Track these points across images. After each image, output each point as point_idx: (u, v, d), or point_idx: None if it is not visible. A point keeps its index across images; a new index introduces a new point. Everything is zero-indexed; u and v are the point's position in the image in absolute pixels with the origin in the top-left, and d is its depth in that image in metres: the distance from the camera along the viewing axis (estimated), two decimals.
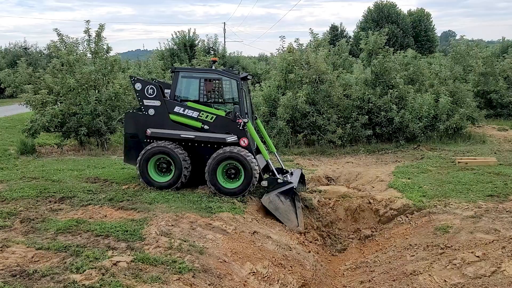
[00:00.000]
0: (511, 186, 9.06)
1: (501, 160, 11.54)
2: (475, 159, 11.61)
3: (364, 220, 8.99)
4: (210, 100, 8.97)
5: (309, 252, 7.70)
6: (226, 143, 8.51)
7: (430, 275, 6.09)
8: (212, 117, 8.67)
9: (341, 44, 19.03)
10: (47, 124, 13.29)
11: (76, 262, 5.15)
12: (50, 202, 7.72)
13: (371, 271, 7.07)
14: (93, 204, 7.61)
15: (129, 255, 5.50)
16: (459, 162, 11.35)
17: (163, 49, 27.73)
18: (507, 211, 7.68)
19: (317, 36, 17.71)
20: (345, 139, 14.51)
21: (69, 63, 13.90)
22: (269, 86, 15.82)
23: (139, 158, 8.58)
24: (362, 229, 8.86)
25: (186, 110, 8.72)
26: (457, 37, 25.68)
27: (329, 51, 17.57)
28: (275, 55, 19.47)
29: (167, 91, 9.04)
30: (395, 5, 47.18)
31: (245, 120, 8.65)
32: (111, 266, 5.09)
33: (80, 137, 13.88)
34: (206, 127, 8.67)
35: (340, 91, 15.00)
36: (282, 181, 8.73)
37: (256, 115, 10.24)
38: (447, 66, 18.50)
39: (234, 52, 35.75)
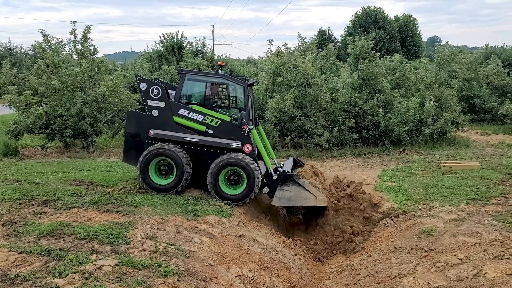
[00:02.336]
0: (493, 190, 9.24)
1: (484, 164, 11.75)
2: (459, 163, 11.80)
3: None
4: (214, 104, 8.93)
5: (296, 255, 7.71)
6: (231, 149, 8.47)
7: (414, 277, 6.16)
8: (217, 121, 8.60)
9: (328, 48, 19.20)
10: (31, 125, 13.08)
11: (59, 266, 5.06)
12: (33, 205, 7.58)
13: (357, 274, 7.12)
14: (78, 207, 7.50)
15: (113, 258, 5.43)
16: (443, 166, 11.52)
17: (151, 51, 27.55)
18: (489, 215, 7.82)
19: (305, 40, 17.85)
20: (332, 142, 14.62)
21: (54, 64, 13.72)
22: (257, 89, 15.85)
23: (140, 159, 8.43)
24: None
25: (191, 113, 8.63)
26: (442, 43, 26.09)
27: (317, 55, 17.72)
28: (263, 58, 19.53)
29: (171, 92, 8.94)
30: (382, 11, 47.90)
31: (250, 126, 8.60)
32: (95, 270, 5.02)
33: (65, 139, 13.69)
34: (210, 131, 8.59)
35: (327, 95, 15.12)
36: (276, 176, 8.78)
37: (259, 121, 10.21)
38: (433, 71, 18.82)
39: (222, 55, 35.78)
